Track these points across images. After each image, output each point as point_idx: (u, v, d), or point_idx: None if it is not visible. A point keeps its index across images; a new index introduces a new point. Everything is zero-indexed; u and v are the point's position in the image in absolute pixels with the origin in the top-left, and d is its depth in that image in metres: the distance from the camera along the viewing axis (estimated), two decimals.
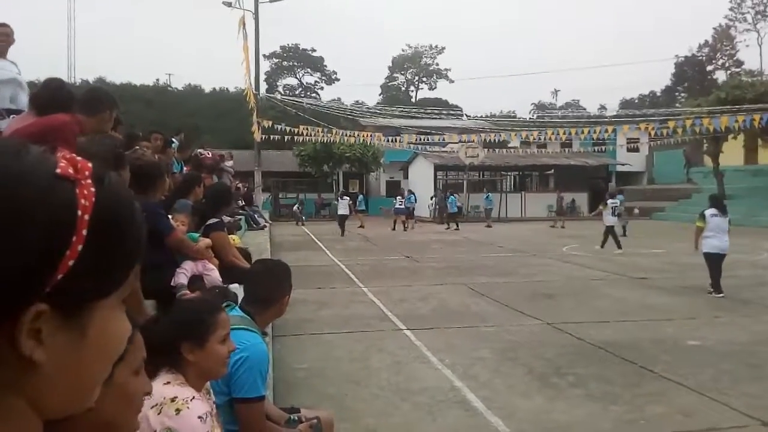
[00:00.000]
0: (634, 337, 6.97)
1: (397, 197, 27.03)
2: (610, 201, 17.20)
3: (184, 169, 8.70)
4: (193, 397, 1.89)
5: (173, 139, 9.60)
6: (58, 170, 0.53)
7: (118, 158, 2.62)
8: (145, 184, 3.87)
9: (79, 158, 0.57)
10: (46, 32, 74.87)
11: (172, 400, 1.85)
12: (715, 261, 9.44)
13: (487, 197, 29.19)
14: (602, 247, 16.44)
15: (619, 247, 16.08)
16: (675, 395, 5.04)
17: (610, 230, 16.60)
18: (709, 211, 9.63)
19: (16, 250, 0.49)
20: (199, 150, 12.52)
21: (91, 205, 0.53)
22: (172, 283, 3.57)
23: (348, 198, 25.19)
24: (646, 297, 9.55)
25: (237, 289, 3.57)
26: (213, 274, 3.77)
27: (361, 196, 30.45)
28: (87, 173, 0.55)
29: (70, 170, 0.54)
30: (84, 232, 0.52)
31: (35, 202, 0.50)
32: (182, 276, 3.59)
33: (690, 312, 8.39)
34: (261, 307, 2.66)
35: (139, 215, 0.60)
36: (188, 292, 3.50)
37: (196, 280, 3.65)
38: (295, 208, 31.31)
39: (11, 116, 4.64)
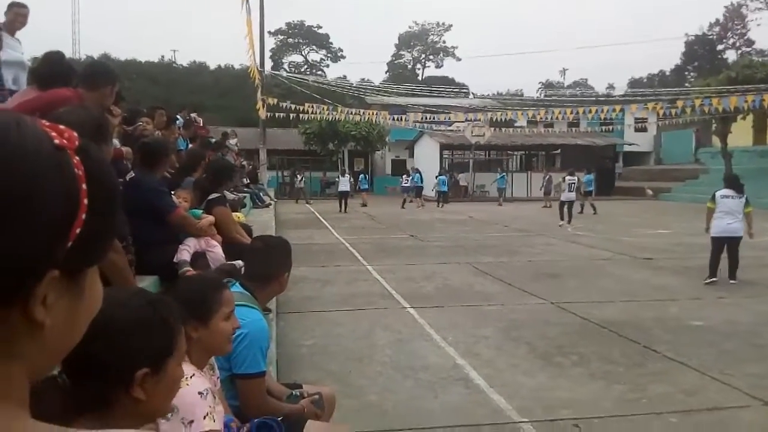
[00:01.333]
0: (637, 317, 6.96)
1: (403, 176, 27.11)
2: (568, 178, 19.12)
3: (189, 146, 8.68)
4: (193, 375, 1.88)
5: (178, 116, 9.58)
6: (57, 141, 0.55)
7: (99, 130, 2.58)
8: (149, 161, 3.87)
9: (63, 128, 0.57)
10: (50, 7, 74.37)
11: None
12: (720, 245, 9.10)
13: (502, 177, 29.28)
14: (563, 219, 18.12)
15: (562, 219, 18.07)
16: (678, 375, 5.05)
17: (564, 204, 18.39)
18: (720, 192, 9.23)
19: (41, 224, 0.52)
20: (193, 114, 12.46)
21: (84, 174, 0.56)
22: (174, 260, 3.57)
23: (349, 175, 25.35)
24: (651, 277, 9.53)
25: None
26: (216, 250, 3.77)
27: (362, 176, 30.41)
28: (76, 143, 0.57)
29: (64, 141, 0.56)
30: (85, 201, 0.55)
31: (51, 175, 0.53)
32: (185, 253, 3.59)
33: (694, 292, 8.38)
34: (261, 284, 2.66)
35: (117, 181, 0.63)
36: (191, 269, 3.50)
37: (199, 257, 3.65)
38: (299, 184, 30.84)
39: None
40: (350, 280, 9.28)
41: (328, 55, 72.55)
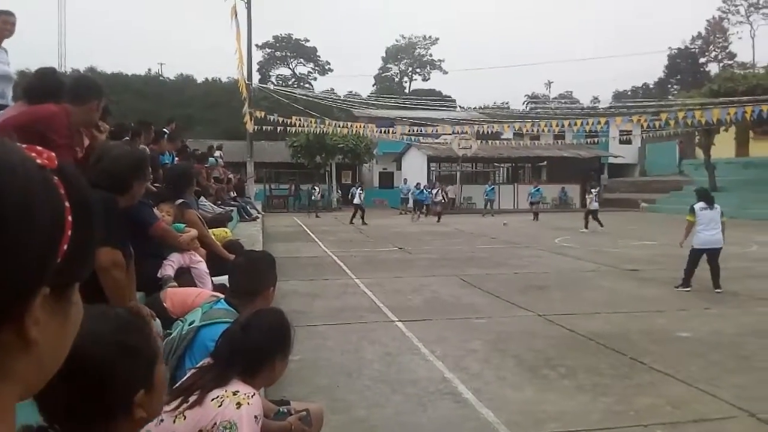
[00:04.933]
0: (624, 329, 7.00)
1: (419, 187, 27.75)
2: (593, 190, 21.63)
3: (175, 159, 8.65)
4: (254, 394, 1.94)
5: (165, 130, 9.54)
6: (39, 161, 0.56)
7: (138, 166, 2.77)
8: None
9: (41, 149, 0.58)
10: (36, 20, 74.00)
11: (234, 393, 1.89)
12: (702, 256, 9.29)
13: (491, 189, 29.58)
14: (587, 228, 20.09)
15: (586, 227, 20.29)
16: (664, 386, 5.07)
17: (589, 213, 20.79)
18: (698, 205, 9.49)
19: (36, 241, 0.52)
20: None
21: (65, 192, 0.57)
22: (158, 275, 3.54)
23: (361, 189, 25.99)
24: (637, 289, 9.59)
25: (224, 280, 3.55)
26: (200, 266, 3.75)
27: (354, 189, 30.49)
28: (55, 163, 0.58)
29: (45, 161, 0.57)
30: (70, 218, 0.56)
31: (41, 193, 0.53)
32: (169, 268, 3.57)
33: (680, 304, 8.44)
34: (246, 300, 2.64)
35: (94, 199, 0.64)
36: (175, 284, 3.47)
37: (182, 273, 3.62)
38: (314, 196, 30.65)
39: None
40: (338, 294, 9.26)
41: (316, 68, 72.84)
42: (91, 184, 0.70)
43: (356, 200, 25.16)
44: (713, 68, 66.48)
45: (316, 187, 31.52)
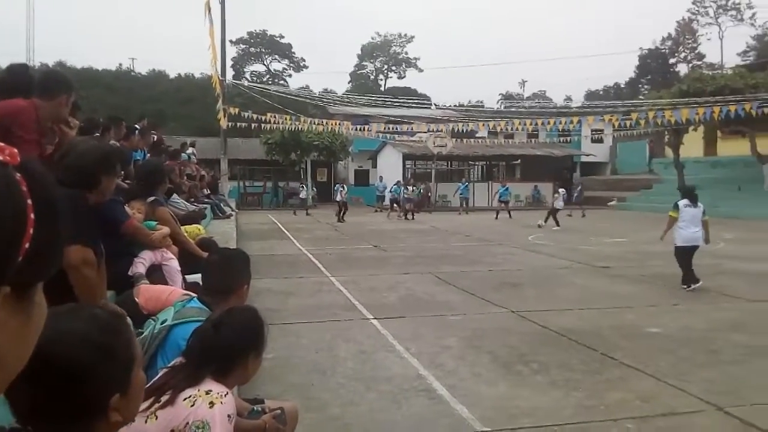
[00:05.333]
0: (596, 325, 7.11)
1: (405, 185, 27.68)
2: (561, 190, 22.64)
3: (147, 156, 8.52)
4: (227, 393, 1.92)
5: (136, 126, 9.38)
6: (0, 158, 0.55)
7: (105, 160, 2.70)
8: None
9: (3, 145, 0.57)
10: (2, 12, 72.17)
11: (207, 392, 1.87)
12: (685, 254, 9.34)
13: (466, 186, 29.80)
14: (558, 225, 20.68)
15: (557, 225, 20.65)
16: (634, 381, 5.16)
17: (556, 211, 21.34)
18: (682, 202, 9.53)
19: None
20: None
21: (28, 189, 0.55)
22: (129, 272, 3.49)
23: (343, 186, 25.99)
24: (608, 285, 9.75)
25: (197, 278, 3.51)
26: (172, 263, 3.70)
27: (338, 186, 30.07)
28: (18, 159, 0.56)
29: (7, 157, 0.55)
30: (32, 215, 0.54)
31: (2, 191, 0.52)
32: (140, 265, 3.52)
33: (650, 300, 8.60)
34: (219, 298, 2.61)
35: (59, 196, 0.62)
36: (147, 281, 3.42)
37: (154, 270, 3.57)
38: (303, 194, 30.31)
39: None
40: (313, 292, 9.22)
41: (291, 64, 72.35)
42: (57, 180, 0.68)
43: (338, 197, 25.01)
44: (683, 69, 67.83)
45: (303, 185, 31.32)
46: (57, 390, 1.00)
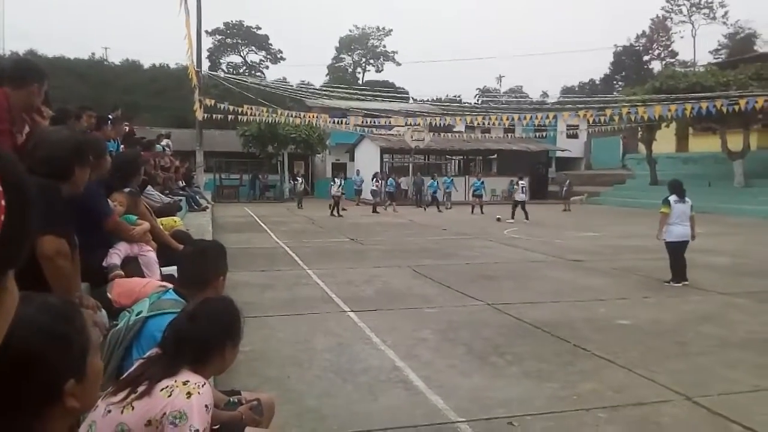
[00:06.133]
0: (568, 317, 7.23)
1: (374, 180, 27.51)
2: (520, 183, 22.32)
3: (121, 147, 8.40)
4: (204, 383, 1.91)
5: (109, 116, 9.23)
6: None
7: (77, 151, 2.64)
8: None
9: None
10: None
11: (184, 383, 1.87)
12: (678, 249, 9.28)
13: (451, 180, 30.02)
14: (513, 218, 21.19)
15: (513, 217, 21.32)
16: (606, 372, 5.27)
17: (517, 204, 21.79)
18: (672, 198, 9.34)
19: None
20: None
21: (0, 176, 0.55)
22: (104, 264, 3.45)
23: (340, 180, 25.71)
24: (581, 278, 9.90)
25: (172, 270, 3.49)
26: (149, 254, 3.67)
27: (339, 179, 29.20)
28: None
29: None
30: (3, 202, 0.54)
31: None
32: (115, 256, 3.48)
33: (621, 292, 8.76)
34: (195, 290, 2.59)
35: (32, 185, 0.63)
36: (122, 273, 3.39)
37: (130, 261, 3.54)
38: (300, 187, 29.51)
39: None
40: (290, 285, 9.21)
41: (268, 56, 71.74)
42: (29, 171, 0.68)
43: (334, 191, 24.49)
44: (656, 66, 68.98)
45: (298, 178, 30.93)
46: (9, 377, 1.00)
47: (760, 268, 11.00)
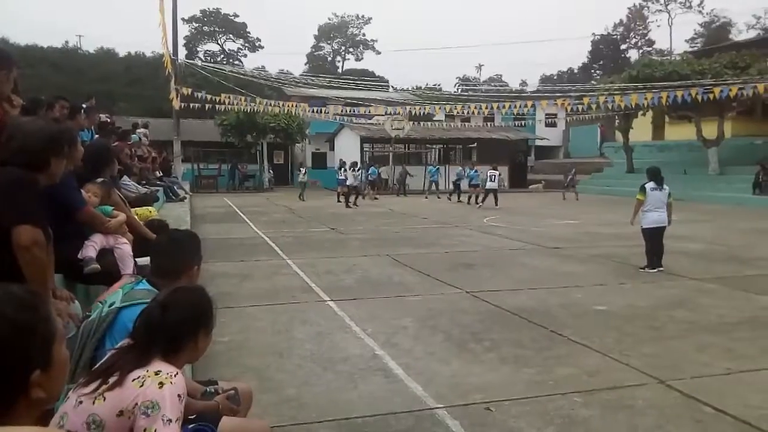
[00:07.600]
0: (545, 304, 7.32)
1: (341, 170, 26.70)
2: (490, 172, 22.57)
3: (95, 136, 8.28)
4: (177, 373, 1.91)
5: (83, 105, 9.09)
6: None
7: (51, 142, 2.61)
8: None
9: None
10: None
11: (156, 373, 1.86)
12: (654, 236, 9.40)
13: (437, 169, 30.39)
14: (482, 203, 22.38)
15: (482, 202, 22.71)
16: (581, 357, 5.36)
17: (489, 192, 22.51)
18: (649, 185, 9.48)
19: None
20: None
21: None
22: (79, 256, 3.41)
23: (352, 168, 24.66)
24: (559, 265, 10.02)
25: (147, 261, 3.46)
26: (124, 247, 3.63)
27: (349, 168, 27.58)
28: None
29: None
30: None
31: None
32: (91, 249, 3.44)
33: (598, 279, 8.89)
34: (169, 280, 2.56)
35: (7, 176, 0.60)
36: (98, 265, 3.36)
37: (105, 253, 3.50)
38: (301, 177, 28.05)
39: None
40: (270, 275, 9.18)
41: (246, 44, 70.97)
42: (4, 162, 0.67)
43: (350, 181, 23.95)
44: (633, 55, 69.58)
45: (301, 168, 30.14)
46: None
47: (731, 254, 11.23)
